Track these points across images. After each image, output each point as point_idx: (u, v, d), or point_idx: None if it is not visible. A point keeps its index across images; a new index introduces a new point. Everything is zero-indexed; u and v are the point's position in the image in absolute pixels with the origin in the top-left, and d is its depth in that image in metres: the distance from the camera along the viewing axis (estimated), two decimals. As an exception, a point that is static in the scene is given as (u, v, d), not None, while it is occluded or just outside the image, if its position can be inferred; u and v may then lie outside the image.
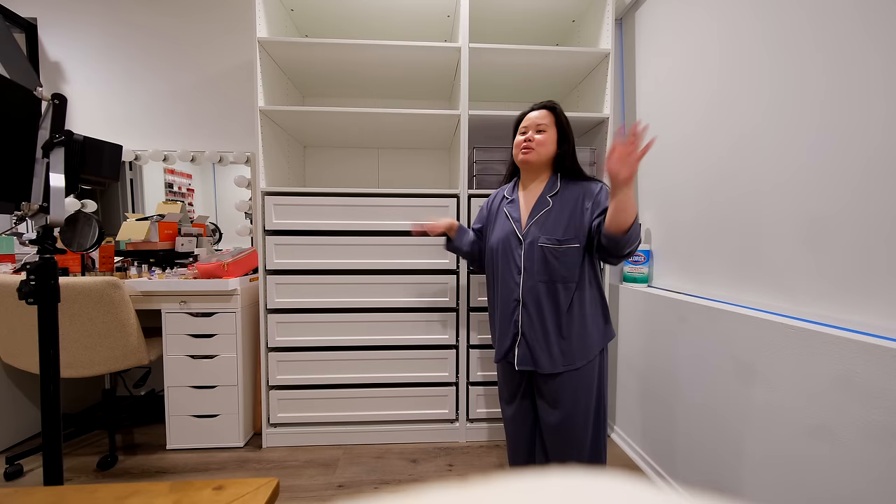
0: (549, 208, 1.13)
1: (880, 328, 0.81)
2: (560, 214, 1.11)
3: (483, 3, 1.74)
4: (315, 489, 1.42)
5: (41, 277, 0.82)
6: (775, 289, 1.05)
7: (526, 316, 1.12)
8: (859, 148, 0.85)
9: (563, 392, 1.11)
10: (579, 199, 1.11)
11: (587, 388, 1.11)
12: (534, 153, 1.14)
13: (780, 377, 0.97)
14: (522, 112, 1.22)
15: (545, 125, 1.14)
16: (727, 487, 1.13)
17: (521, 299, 1.12)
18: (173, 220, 1.93)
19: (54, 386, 0.83)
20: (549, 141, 1.14)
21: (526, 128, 1.17)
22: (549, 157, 1.15)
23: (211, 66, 2.10)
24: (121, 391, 1.93)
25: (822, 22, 0.93)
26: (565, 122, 1.16)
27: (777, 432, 0.98)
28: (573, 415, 1.11)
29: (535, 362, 1.11)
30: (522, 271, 1.12)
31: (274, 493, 0.52)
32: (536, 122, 1.15)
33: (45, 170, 0.80)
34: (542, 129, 1.14)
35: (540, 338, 1.10)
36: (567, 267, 1.09)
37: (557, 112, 1.16)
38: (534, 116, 1.16)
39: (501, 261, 1.17)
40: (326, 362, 1.68)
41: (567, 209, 1.11)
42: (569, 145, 1.15)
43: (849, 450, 0.82)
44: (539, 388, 1.15)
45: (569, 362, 1.09)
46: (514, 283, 1.14)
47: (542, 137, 1.14)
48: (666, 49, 1.53)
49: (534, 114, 1.17)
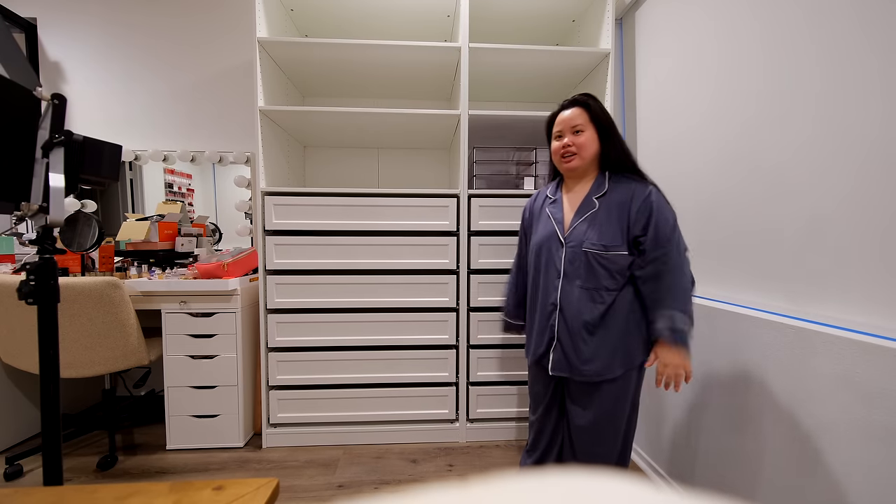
0: (594, 211, 1.05)
1: (880, 328, 0.81)
2: (607, 218, 1.04)
3: (483, 3, 1.74)
4: (315, 489, 1.42)
5: (41, 277, 0.82)
6: (775, 288, 1.05)
7: (563, 321, 1.06)
8: (856, 145, 0.85)
9: (596, 401, 1.06)
10: (626, 202, 1.02)
11: (621, 398, 1.06)
12: (577, 159, 1.06)
13: (780, 377, 0.97)
14: (553, 112, 1.13)
15: (581, 124, 1.05)
16: (727, 487, 1.13)
17: (558, 304, 1.07)
18: (173, 221, 1.93)
19: (54, 386, 0.83)
20: (589, 141, 1.05)
21: (560, 131, 1.09)
22: (593, 157, 1.07)
23: (211, 66, 2.10)
24: (121, 391, 1.93)
25: (819, 21, 0.93)
26: (603, 116, 1.06)
27: (777, 432, 0.97)
28: (603, 423, 1.06)
29: (570, 369, 1.06)
30: (562, 275, 1.07)
31: (274, 493, 0.52)
32: (571, 124, 1.06)
33: (44, 170, 0.80)
34: (578, 129, 1.05)
35: (578, 345, 1.04)
36: (611, 274, 1.03)
37: (591, 107, 1.06)
38: (566, 117, 1.07)
39: (542, 263, 1.12)
40: (326, 362, 1.68)
41: (614, 213, 1.03)
42: (612, 139, 1.05)
43: (849, 450, 0.81)
44: (571, 392, 1.11)
45: (606, 372, 1.03)
46: (553, 287, 1.08)
47: (581, 139, 1.05)
48: (666, 49, 1.53)
49: (566, 114, 1.08)
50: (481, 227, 1.67)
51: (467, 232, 1.67)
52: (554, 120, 1.12)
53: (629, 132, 1.81)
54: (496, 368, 1.72)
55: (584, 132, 1.05)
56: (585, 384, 1.07)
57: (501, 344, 1.72)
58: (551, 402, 1.17)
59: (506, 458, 1.64)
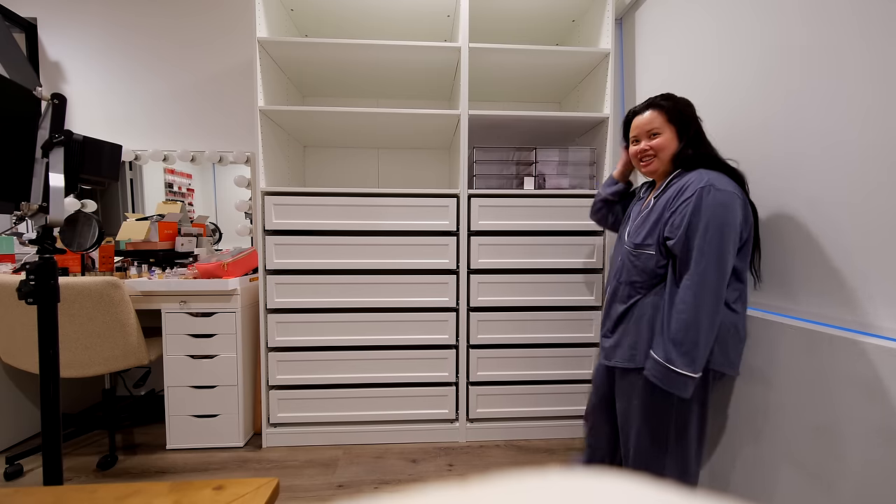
0: (650, 209, 1.05)
1: (880, 328, 0.81)
2: (650, 216, 1.03)
3: (483, 3, 1.73)
4: (315, 489, 1.42)
5: (41, 277, 0.82)
6: (775, 288, 1.05)
7: (609, 313, 1.14)
8: (856, 145, 0.85)
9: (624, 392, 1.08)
10: (671, 198, 0.98)
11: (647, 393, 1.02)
12: (655, 161, 1.05)
13: (780, 376, 0.97)
14: (630, 111, 1.12)
15: (657, 127, 1.03)
16: (727, 487, 1.13)
17: (612, 297, 1.14)
18: (173, 220, 1.93)
19: (54, 386, 0.83)
20: (666, 143, 1.02)
21: (637, 136, 1.08)
22: (672, 157, 1.04)
23: (211, 66, 2.10)
24: (121, 391, 1.92)
25: (820, 20, 0.93)
26: (681, 115, 1.02)
27: (778, 432, 0.97)
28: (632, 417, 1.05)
29: (607, 357, 1.12)
30: (616, 271, 1.14)
31: (274, 493, 0.52)
32: (646, 128, 1.05)
33: (44, 170, 0.80)
34: (654, 132, 1.04)
35: (614, 336, 1.11)
36: (639, 272, 1.04)
37: (667, 109, 1.03)
38: (642, 122, 1.06)
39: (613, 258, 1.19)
40: (326, 362, 1.68)
41: (658, 210, 1.02)
42: (688, 138, 1.01)
43: (850, 450, 0.81)
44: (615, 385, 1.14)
45: (626, 361, 1.06)
46: (611, 280, 1.17)
47: (657, 142, 1.03)
48: (666, 48, 1.53)
49: (641, 118, 1.06)
50: (481, 227, 1.67)
51: (467, 232, 1.67)
52: (630, 121, 1.11)
53: (629, 132, 1.81)
54: (496, 368, 1.72)
55: (660, 134, 1.03)
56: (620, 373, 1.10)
57: (501, 344, 1.72)
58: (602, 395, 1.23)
59: (506, 458, 1.64)
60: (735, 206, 0.91)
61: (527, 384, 1.74)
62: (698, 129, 1.03)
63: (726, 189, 0.91)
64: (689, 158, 1.00)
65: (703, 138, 1.03)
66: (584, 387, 1.74)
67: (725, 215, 0.90)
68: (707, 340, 0.90)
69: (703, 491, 1.21)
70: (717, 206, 0.90)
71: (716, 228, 0.89)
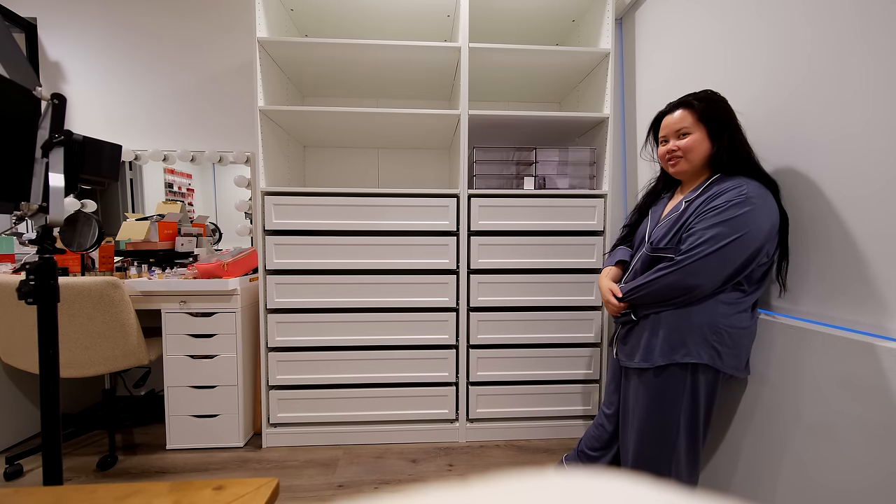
0: (679, 212, 1.01)
1: (881, 328, 0.81)
2: (678, 219, 1.00)
3: (483, 3, 1.73)
4: (315, 489, 1.42)
5: (41, 277, 0.82)
6: (774, 288, 1.05)
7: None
8: (856, 145, 0.85)
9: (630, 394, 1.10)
10: (703, 204, 0.96)
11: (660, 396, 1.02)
12: (683, 162, 1.02)
13: (780, 376, 0.97)
14: (659, 112, 1.09)
15: (686, 127, 1.00)
16: (727, 487, 1.13)
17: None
18: (173, 220, 1.93)
19: (54, 386, 0.83)
20: (696, 144, 0.99)
21: (665, 136, 1.05)
22: (702, 159, 1.01)
23: (211, 66, 2.10)
24: (121, 391, 1.92)
25: (821, 19, 0.93)
26: (709, 116, 0.98)
27: (777, 432, 0.97)
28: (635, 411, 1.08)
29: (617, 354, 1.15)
30: (633, 272, 1.13)
31: (274, 493, 0.52)
32: (675, 128, 1.02)
33: (44, 170, 0.79)
34: (684, 132, 1.01)
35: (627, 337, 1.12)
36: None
37: (697, 108, 0.99)
38: (671, 122, 1.03)
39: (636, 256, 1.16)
40: (326, 362, 1.68)
41: (687, 213, 0.99)
42: (724, 138, 0.97)
43: (849, 449, 0.81)
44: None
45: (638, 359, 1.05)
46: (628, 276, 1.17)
47: (686, 143, 1.00)
48: (666, 48, 1.53)
49: (672, 117, 1.04)
50: (481, 227, 1.67)
51: (467, 232, 1.67)
52: (659, 121, 1.09)
53: (629, 132, 1.81)
54: (496, 368, 1.72)
55: (690, 134, 1.00)
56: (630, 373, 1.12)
57: (501, 344, 1.72)
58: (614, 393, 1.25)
59: (506, 458, 1.64)
60: (764, 227, 0.90)
61: (527, 384, 1.74)
62: (734, 131, 0.98)
63: (763, 206, 0.91)
64: (726, 164, 0.98)
65: (739, 141, 0.98)
66: (584, 387, 1.75)
67: (745, 235, 0.90)
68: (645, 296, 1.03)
69: (703, 491, 1.21)
70: (739, 220, 0.90)
71: (737, 241, 0.90)
